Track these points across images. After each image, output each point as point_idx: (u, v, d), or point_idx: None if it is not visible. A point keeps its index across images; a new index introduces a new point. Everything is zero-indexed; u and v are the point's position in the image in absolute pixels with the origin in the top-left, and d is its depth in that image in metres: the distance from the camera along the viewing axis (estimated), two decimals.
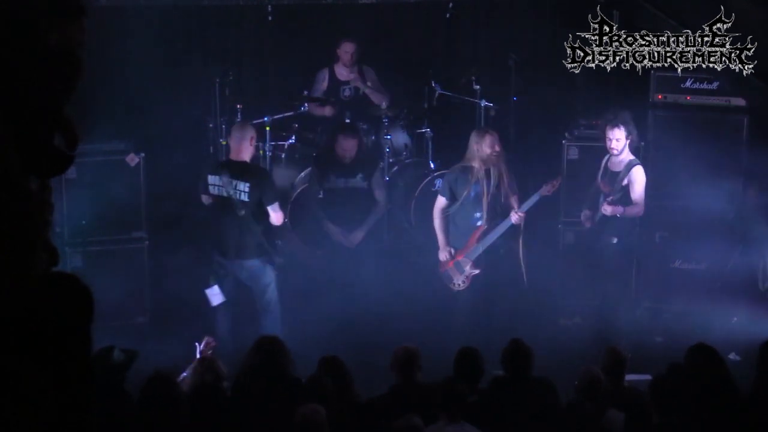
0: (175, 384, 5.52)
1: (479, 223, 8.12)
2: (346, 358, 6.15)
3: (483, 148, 7.96)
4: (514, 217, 8.06)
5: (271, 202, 7.82)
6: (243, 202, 7.74)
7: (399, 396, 5.88)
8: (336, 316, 8.14)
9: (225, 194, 7.76)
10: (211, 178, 7.82)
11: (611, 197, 8.04)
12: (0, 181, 3.22)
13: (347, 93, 9.98)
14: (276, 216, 7.86)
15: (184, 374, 5.96)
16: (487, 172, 8.03)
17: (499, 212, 8.12)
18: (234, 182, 7.74)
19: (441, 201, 8.19)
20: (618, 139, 8.07)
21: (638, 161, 8.18)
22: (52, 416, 2.89)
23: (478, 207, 8.06)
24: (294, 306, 8.38)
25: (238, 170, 7.81)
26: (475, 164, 7.99)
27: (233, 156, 7.86)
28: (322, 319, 8.15)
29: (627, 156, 8.15)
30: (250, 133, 7.89)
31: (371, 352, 7.65)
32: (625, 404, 5.86)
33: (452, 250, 8.15)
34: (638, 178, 8.09)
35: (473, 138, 8.06)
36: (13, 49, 3.68)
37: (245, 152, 7.84)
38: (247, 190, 7.74)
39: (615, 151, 8.11)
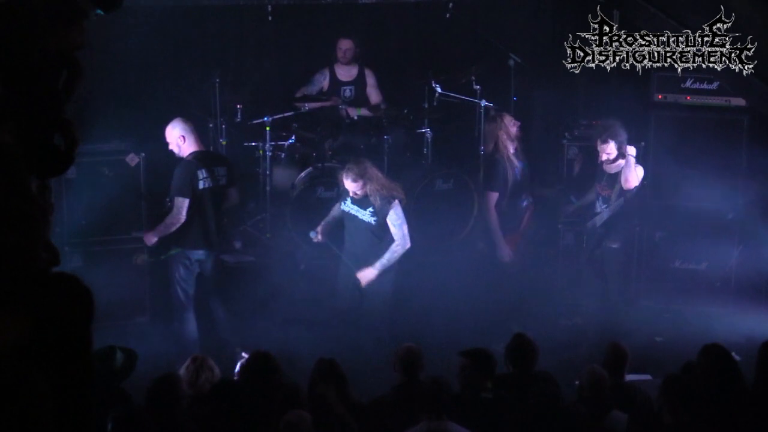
0: (181, 385, 5.52)
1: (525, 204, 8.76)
2: (346, 357, 6.15)
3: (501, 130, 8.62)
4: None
5: (237, 182, 8.09)
6: (223, 186, 7.83)
7: (402, 396, 5.86)
8: (335, 317, 8.15)
9: (211, 185, 7.79)
10: (201, 173, 7.81)
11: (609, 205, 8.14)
12: (1, 181, 3.23)
13: (348, 93, 9.99)
14: (236, 196, 8.13)
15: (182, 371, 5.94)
16: (517, 155, 8.63)
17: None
18: (215, 170, 7.82)
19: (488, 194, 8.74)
20: (609, 153, 8.14)
21: (636, 162, 8.20)
22: (52, 417, 2.89)
23: (522, 191, 8.61)
24: (293, 306, 8.39)
25: (213, 158, 8.04)
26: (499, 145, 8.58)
27: (200, 146, 7.88)
28: (322, 320, 8.15)
29: (632, 151, 8.17)
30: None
31: (373, 351, 7.66)
32: (625, 401, 5.86)
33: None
34: (639, 172, 8.16)
35: (491, 125, 8.65)
36: (14, 51, 3.69)
37: (200, 141, 7.95)
38: (225, 174, 7.93)
39: (609, 162, 8.18)
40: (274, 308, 8.45)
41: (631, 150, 8.11)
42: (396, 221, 7.87)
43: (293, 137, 9.58)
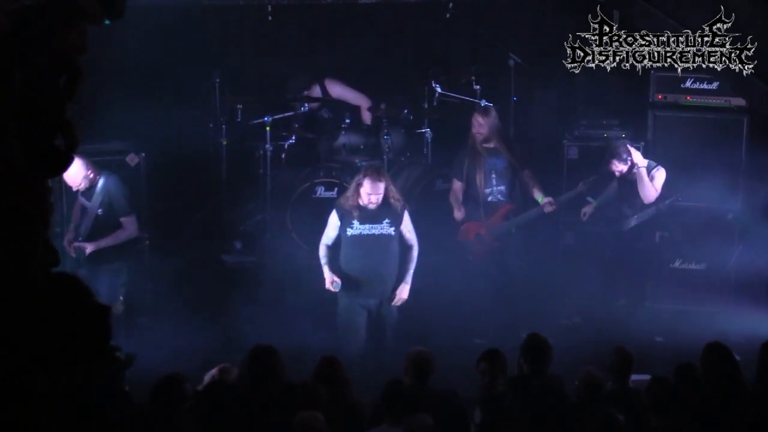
0: (185, 385, 5.50)
1: (492, 199, 8.45)
2: (348, 358, 6.14)
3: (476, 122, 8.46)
4: (548, 207, 8.39)
5: None
6: None
7: (411, 399, 5.82)
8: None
9: None
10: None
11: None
12: (5, 181, 3.23)
13: (327, 115, 10.01)
14: None
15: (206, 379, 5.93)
16: (493, 151, 8.42)
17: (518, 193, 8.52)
18: None
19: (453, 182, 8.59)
20: (621, 170, 8.29)
21: (656, 164, 8.34)
22: (54, 416, 2.89)
23: (487, 184, 8.41)
24: (295, 307, 8.39)
25: None
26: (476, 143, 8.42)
27: None
28: (323, 321, 8.14)
29: (642, 162, 8.28)
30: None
31: (374, 352, 7.64)
32: (627, 404, 5.84)
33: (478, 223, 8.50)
34: (659, 177, 8.31)
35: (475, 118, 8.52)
36: (18, 53, 3.69)
37: None
38: None
39: (625, 173, 8.32)
40: (274, 309, 8.44)
41: (642, 161, 8.22)
42: (411, 226, 7.69)
43: (293, 137, 9.58)
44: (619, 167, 8.30)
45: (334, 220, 7.56)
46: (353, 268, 7.51)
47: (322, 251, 7.62)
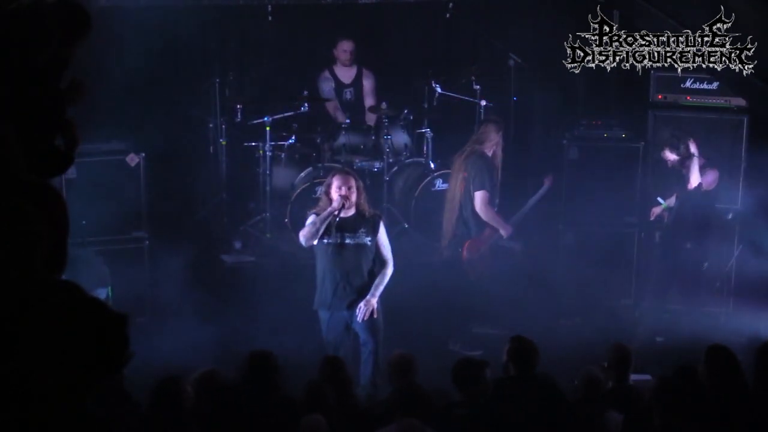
0: (184, 387, 5.48)
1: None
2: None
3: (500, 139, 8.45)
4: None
5: None
6: None
7: (399, 401, 5.81)
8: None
9: None
10: None
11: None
12: (7, 182, 3.23)
13: (348, 96, 9.99)
14: None
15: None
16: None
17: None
18: None
19: (486, 195, 8.36)
20: (672, 158, 8.42)
21: (706, 162, 8.42)
22: (53, 416, 2.89)
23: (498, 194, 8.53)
24: (295, 307, 8.38)
25: None
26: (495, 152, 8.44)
27: None
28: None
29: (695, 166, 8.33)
30: None
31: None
32: (626, 403, 5.84)
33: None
34: (709, 174, 8.41)
35: (494, 128, 8.43)
36: (20, 56, 3.70)
37: None
38: None
39: (678, 164, 8.44)
40: (274, 309, 8.43)
41: (693, 149, 8.30)
42: (386, 239, 7.36)
43: (293, 137, 9.58)
44: (671, 156, 8.30)
45: (312, 219, 7.25)
46: (330, 278, 7.21)
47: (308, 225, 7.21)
